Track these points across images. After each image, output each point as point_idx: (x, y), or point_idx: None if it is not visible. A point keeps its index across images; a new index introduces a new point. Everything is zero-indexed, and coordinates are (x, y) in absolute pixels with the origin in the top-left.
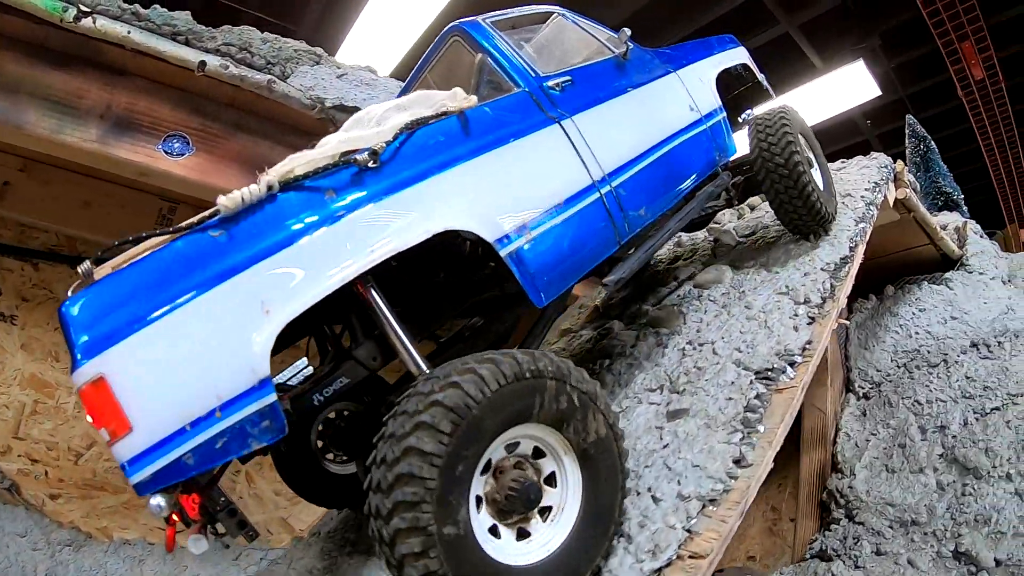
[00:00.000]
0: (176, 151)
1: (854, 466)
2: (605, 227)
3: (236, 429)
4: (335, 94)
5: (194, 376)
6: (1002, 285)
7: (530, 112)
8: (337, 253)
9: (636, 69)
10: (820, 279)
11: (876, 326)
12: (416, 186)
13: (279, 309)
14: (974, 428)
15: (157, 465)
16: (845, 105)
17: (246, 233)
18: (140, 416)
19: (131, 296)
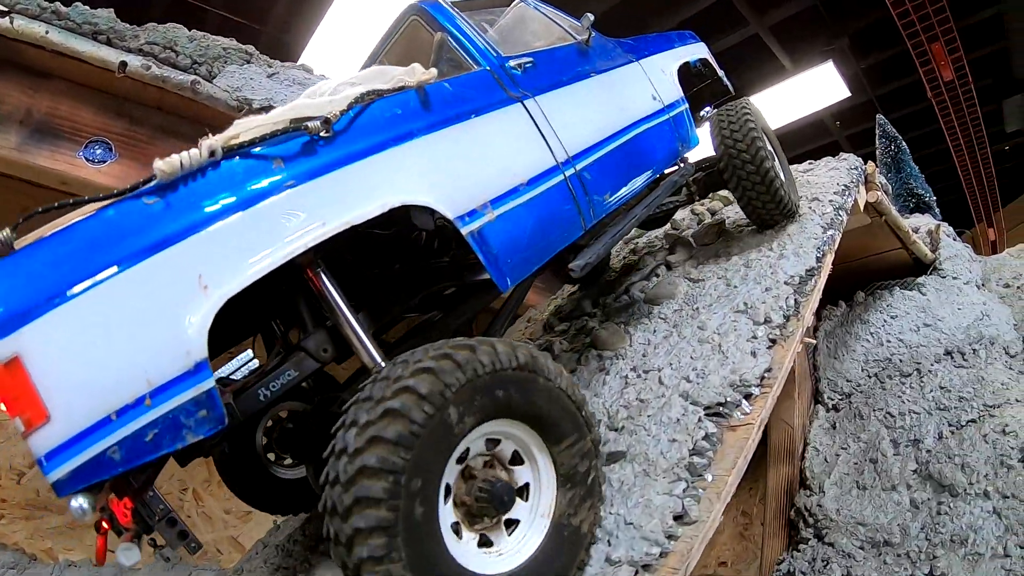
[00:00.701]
0: (98, 158)
1: (823, 482)
2: (570, 210)
3: (169, 419)
4: (264, 95)
5: (121, 358)
6: (976, 290)
7: (492, 90)
8: (285, 225)
9: (599, 56)
10: (783, 294)
11: (846, 334)
12: (372, 158)
13: (219, 285)
14: (949, 442)
15: (78, 460)
16: (814, 106)
17: (184, 201)
18: (59, 403)
19: (53, 268)
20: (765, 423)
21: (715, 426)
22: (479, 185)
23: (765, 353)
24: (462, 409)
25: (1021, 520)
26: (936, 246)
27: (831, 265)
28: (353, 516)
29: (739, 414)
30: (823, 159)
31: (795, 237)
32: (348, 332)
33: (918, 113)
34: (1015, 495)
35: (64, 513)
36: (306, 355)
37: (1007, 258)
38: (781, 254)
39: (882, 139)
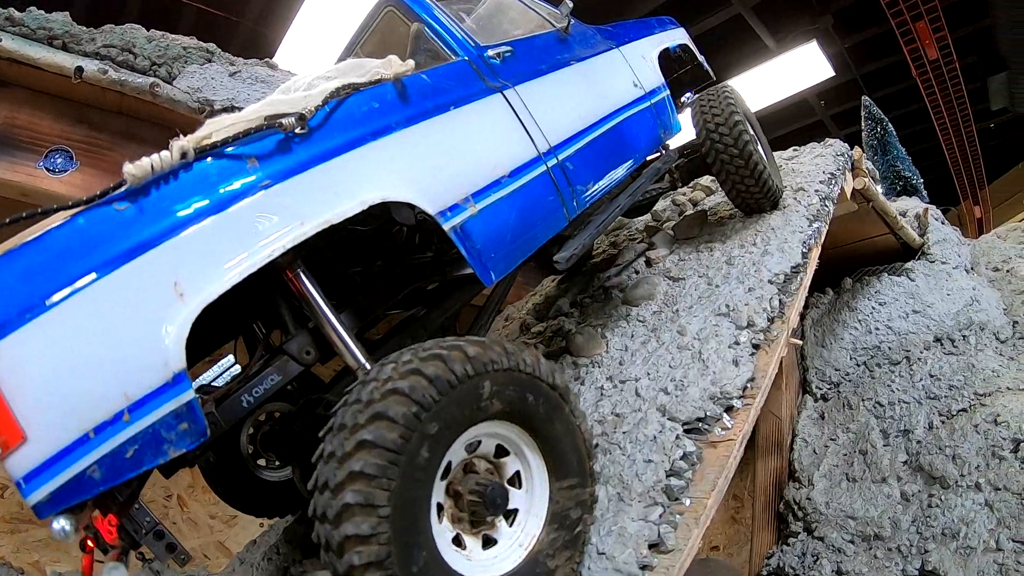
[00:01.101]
0: (59, 167)
1: (812, 475)
2: (553, 201)
3: (148, 434)
4: (225, 95)
5: (96, 373)
6: (965, 274)
7: (471, 80)
8: (262, 227)
9: (578, 43)
10: (767, 295)
11: (833, 322)
12: (349, 154)
13: (196, 291)
14: (940, 432)
15: (57, 481)
16: (799, 86)
17: (157, 206)
18: (35, 423)
19: (23, 281)
20: (748, 437)
21: (694, 444)
22: (460, 179)
23: (748, 361)
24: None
25: (1013, 513)
26: (924, 230)
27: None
28: (343, 522)
29: (719, 429)
30: (808, 145)
31: (779, 231)
32: (331, 334)
33: (903, 92)
34: (1007, 487)
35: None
36: (289, 358)
37: (996, 241)
38: (765, 250)
39: (868, 121)
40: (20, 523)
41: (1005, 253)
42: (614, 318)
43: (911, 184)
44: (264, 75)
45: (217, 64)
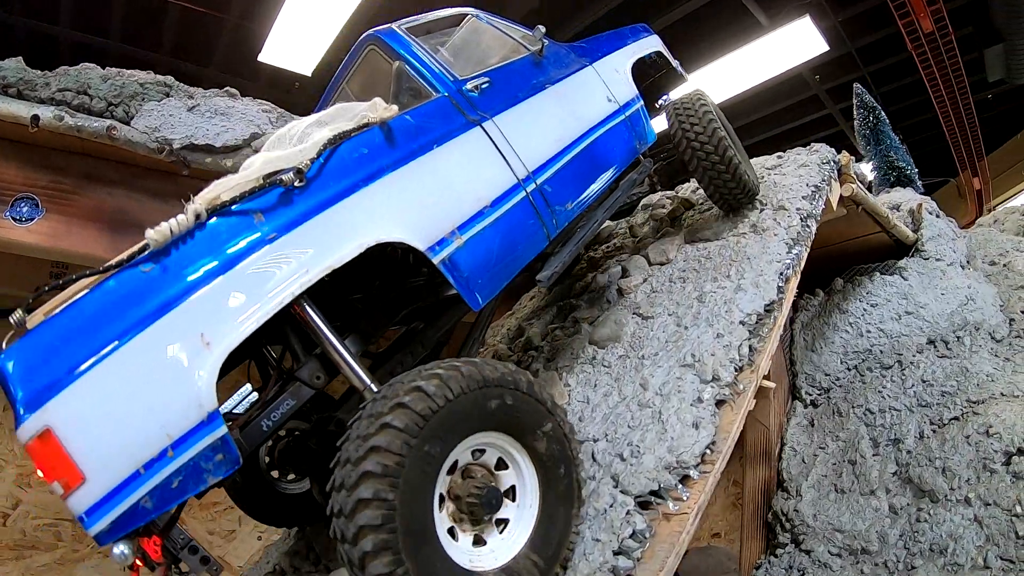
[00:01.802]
0: (25, 216)
1: (800, 485)
2: (534, 224)
3: (190, 466)
4: (184, 132)
5: (142, 417)
6: (961, 271)
7: (451, 117)
8: (272, 276)
9: (552, 65)
10: (735, 341)
11: (823, 325)
12: (344, 201)
13: (220, 340)
14: (930, 443)
15: (115, 513)
16: (792, 61)
17: (178, 265)
18: (91, 465)
19: (68, 342)
20: (704, 509)
21: (644, 520)
22: (446, 213)
23: (709, 422)
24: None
25: (1003, 530)
26: (918, 226)
27: None
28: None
29: (673, 503)
30: (792, 151)
31: (756, 261)
32: (337, 360)
33: (898, 65)
34: (997, 503)
35: (52, 550)
36: (301, 384)
37: (993, 233)
38: (739, 285)
39: (860, 109)
40: (24, 549)
41: (1002, 246)
42: (580, 361)
43: (905, 175)
44: (224, 107)
45: (175, 99)
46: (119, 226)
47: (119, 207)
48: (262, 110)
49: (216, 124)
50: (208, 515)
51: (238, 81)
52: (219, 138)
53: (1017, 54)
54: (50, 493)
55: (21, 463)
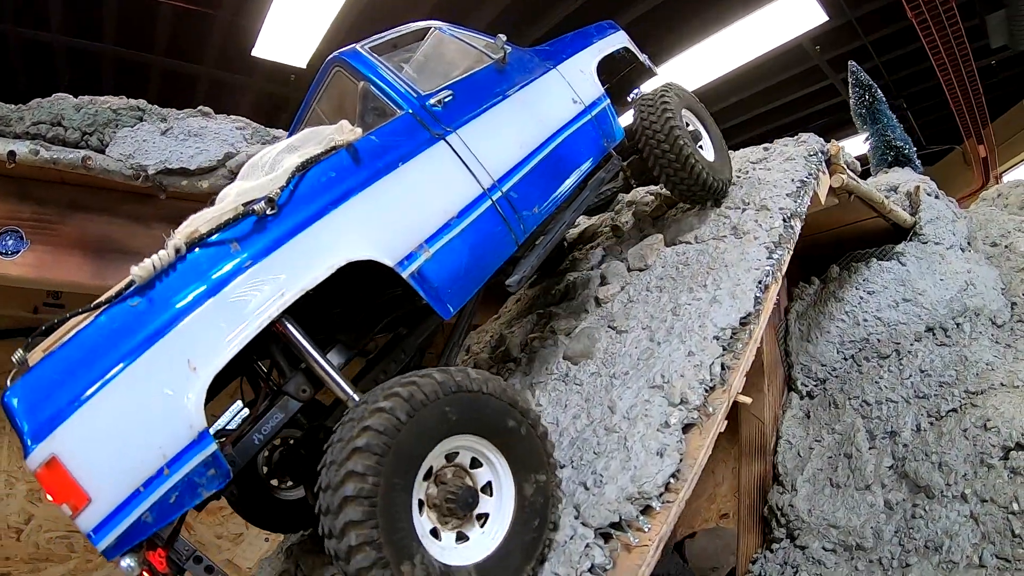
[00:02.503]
0: (10, 249)
1: (796, 480)
2: (501, 231)
3: (185, 482)
4: (158, 157)
5: (138, 440)
6: (960, 255)
7: (415, 133)
8: (250, 302)
9: (516, 71)
10: (707, 360)
11: (819, 314)
12: (314, 225)
13: (205, 364)
14: (927, 436)
15: (120, 528)
16: (792, 33)
17: (162, 297)
18: (96, 487)
19: (67, 375)
20: (666, 539)
21: (604, 553)
22: (413, 228)
23: (675, 450)
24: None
25: (999, 527)
26: (916, 208)
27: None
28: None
29: (633, 536)
30: (779, 142)
31: (733, 269)
32: (320, 373)
33: (899, 33)
34: (994, 499)
35: (66, 562)
36: (289, 397)
37: (994, 212)
38: (714, 296)
39: (855, 88)
40: (39, 562)
41: (1004, 226)
42: (554, 376)
43: (903, 154)
44: (197, 127)
45: (148, 123)
46: (103, 252)
47: (102, 234)
48: (236, 127)
49: (190, 146)
50: (216, 519)
51: (233, 77)
52: (193, 160)
53: (1019, 19)
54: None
55: (31, 479)
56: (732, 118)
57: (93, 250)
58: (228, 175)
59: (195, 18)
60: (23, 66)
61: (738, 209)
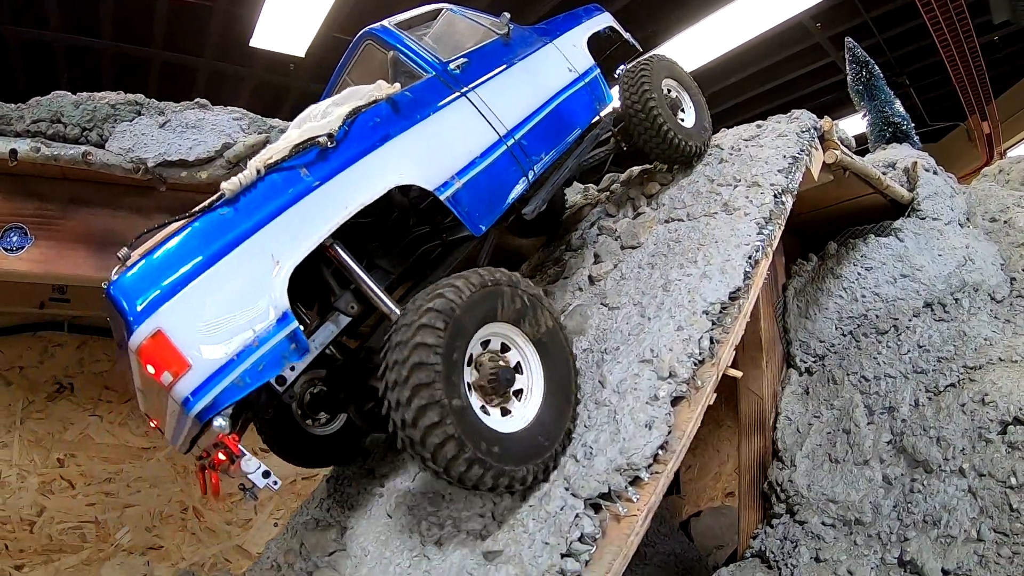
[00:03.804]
0: (15, 245)
1: (795, 455)
2: (516, 170)
3: (272, 353)
4: (157, 149)
5: (232, 319)
6: (959, 230)
7: (441, 90)
8: (319, 213)
9: (519, 44)
10: (696, 334)
11: (817, 291)
12: (367, 157)
13: (286, 258)
14: (925, 411)
15: (215, 391)
16: (793, 10)
17: (247, 208)
18: (195, 355)
19: (168, 266)
20: (655, 509)
21: (593, 523)
22: (446, 164)
23: (663, 422)
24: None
25: (996, 502)
26: (914, 184)
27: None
28: (414, 400)
29: (622, 506)
30: (771, 119)
31: (723, 245)
32: (366, 290)
33: (901, 9)
34: (991, 473)
35: (79, 552)
36: (339, 312)
37: (994, 188)
38: (704, 272)
39: (852, 64)
40: (52, 553)
41: (1003, 202)
42: None
43: (901, 130)
44: (195, 120)
45: (146, 116)
46: (106, 245)
47: (104, 227)
48: (233, 118)
49: (188, 138)
50: (226, 506)
51: (232, 68)
52: (192, 152)
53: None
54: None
55: (42, 471)
56: (733, 97)
57: (96, 243)
58: (226, 165)
59: (193, 9)
60: (23, 65)
61: (729, 186)
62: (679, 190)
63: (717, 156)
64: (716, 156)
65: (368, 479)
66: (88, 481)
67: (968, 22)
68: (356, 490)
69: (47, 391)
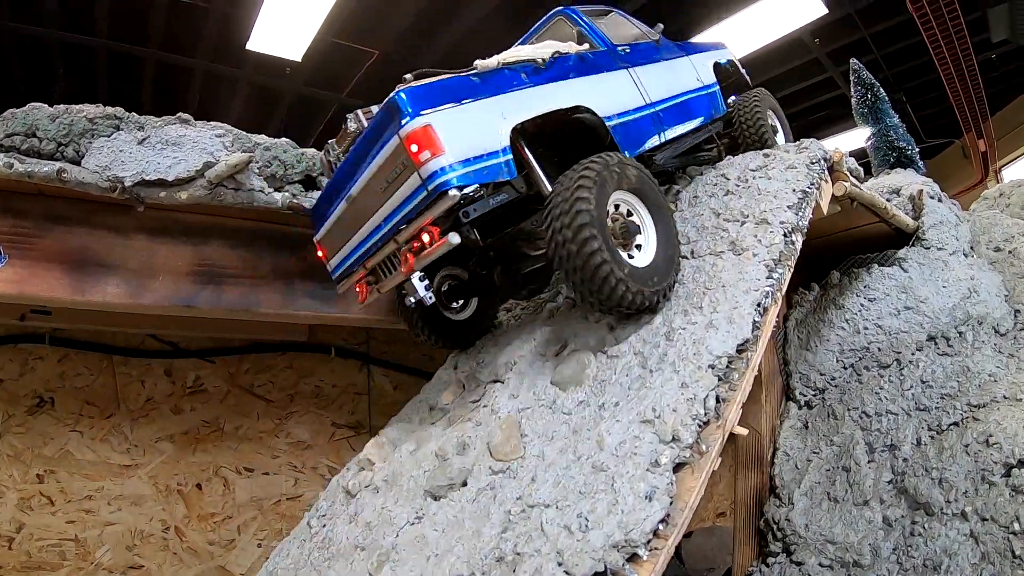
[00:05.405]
0: None
1: (793, 492)
2: (652, 129)
3: (495, 166)
4: (135, 168)
5: (477, 137)
6: (963, 260)
7: (611, 61)
8: (528, 102)
9: (665, 49)
10: (701, 392)
11: (819, 322)
12: (564, 80)
13: (510, 116)
14: (928, 450)
15: (455, 173)
16: (792, 25)
17: (489, 82)
18: (449, 146)
19: (441, 95)
20: None
21: None
22: (611, 105)
23: (664, 492)
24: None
25: (999, 548)
26: (919, 213)
27: None
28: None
29: None
30: (779, 149)
31: (731, 290)
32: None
33: (900, 26)
34: (994, 518)
35: (58, 569)
36: (512, 187)
37: (998, 216)
38: (711, 320)
39: (857, 87)
40: (31, 571)
41: (1008, 230)
42: (541, 403)
43: (906, 155)
44: (175, 136)
45: (125, 131)
46: (82, 266)
47: (81, 246)
48: (215, 135)
49: (168, 156)
50: (206, 527)
51: (229, 71)
52: (171, 171)
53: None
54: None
55: (21, 487)
56: None
57: (72, 263)
58: (208, 186)
59: (189, 10)
60: (18, 63)
61: (736, 222)
62: (683, 223)
63: (723, 187)
64: (722, 187)
65: None
66: (68, 498)
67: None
68: None
69: (27, 405)
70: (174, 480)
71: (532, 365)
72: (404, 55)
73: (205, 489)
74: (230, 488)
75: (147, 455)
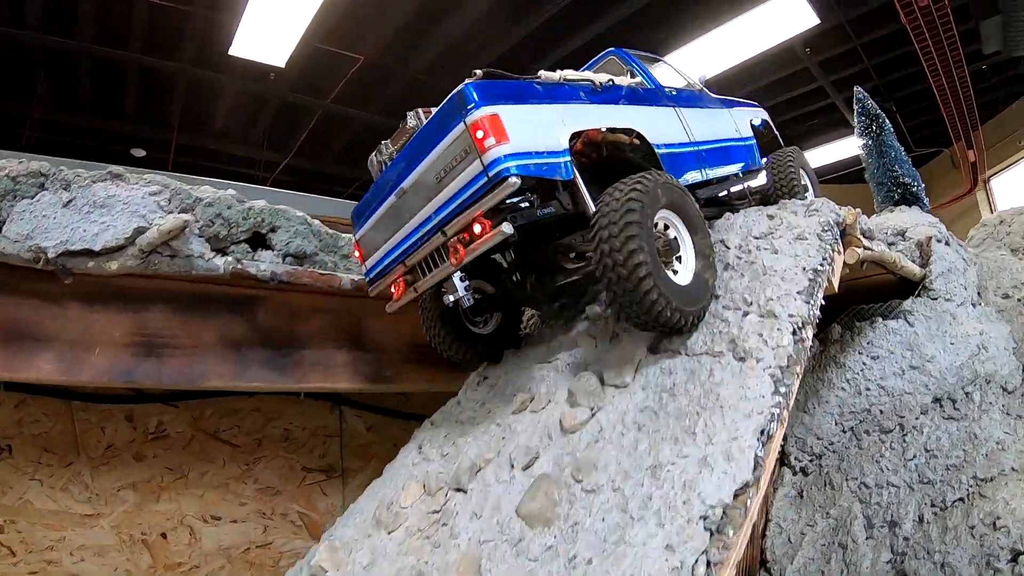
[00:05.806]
0: None
1: (785, 569)
2: (695, 164)
3: (553, 164)
4: (59, 236)
5: (538, 135)
6: (972, 312)
7: (660, 98)
8: (589, 114)
9: (707, 99)
10: (690, 557)
11: (817, 381)
12: (617, 105)
13: (569, 124)
14: (930, 530)
15: (517, 161)
16: (783, 35)
17: (550, 93)
18: (513, 136)
19: (508, 92)
20: None
21: None
22: (659, 135)
23: None
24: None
25: None
26: (927, 260)
27: None
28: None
29: None
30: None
31: (728, 413)
32: (581, 192)
33: (891, 36)
34: None
35: None
36: (558, 202)
37: (1007, 260)
38: (705, 455)
39: (861, 116)
40: None
41: (1017, 276)
42: (505, 538)
43: (911, 192)
44: (104, 197)
45: (50, 192)
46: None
47: (9, 317)
48: (149, 193)
49: (95, 222)
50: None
51: (211, 76)
52: (98, 239)
53: (1015, 26)
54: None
55: None
56: None
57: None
58: (139, 254)
59: (172, 14)
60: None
61: (738, 310)
62: None
63: (722, 258)
64: (721, 257)
65: None
66: (29, 548)
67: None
68: None
69: None
70: (138, 529)
71: (498, 478)
72: (389, 61)
73: (170, 538)
74: (196, 537)
75: (109, 504)
